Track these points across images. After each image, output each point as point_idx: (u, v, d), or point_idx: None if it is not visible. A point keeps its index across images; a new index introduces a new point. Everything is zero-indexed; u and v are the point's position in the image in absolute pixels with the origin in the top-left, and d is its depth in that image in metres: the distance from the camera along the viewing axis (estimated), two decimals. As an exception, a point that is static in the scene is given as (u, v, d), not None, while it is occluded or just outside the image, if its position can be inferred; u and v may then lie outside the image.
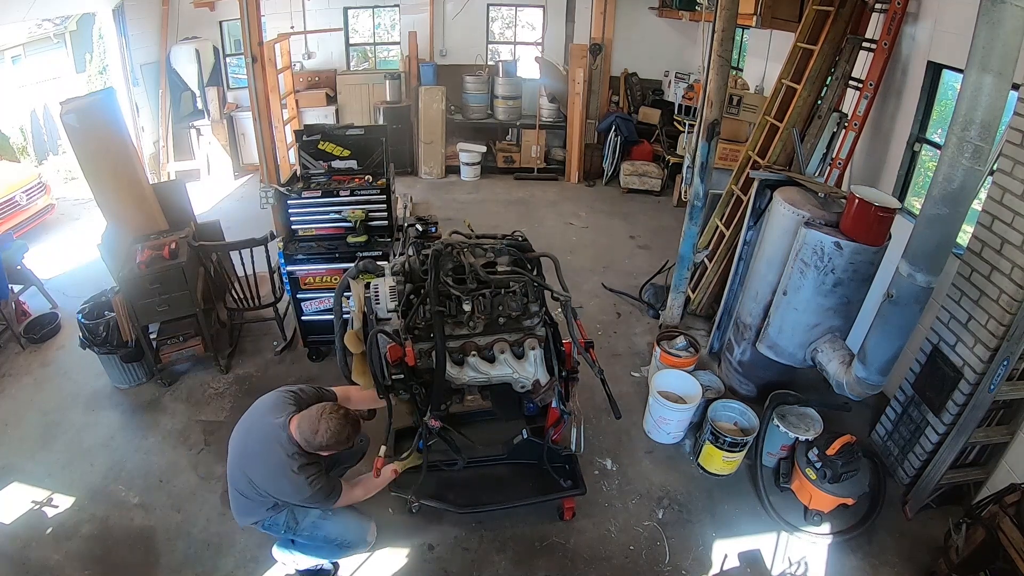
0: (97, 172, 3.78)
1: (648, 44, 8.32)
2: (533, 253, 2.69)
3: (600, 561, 2.95)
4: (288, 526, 2.51)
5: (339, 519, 2.60)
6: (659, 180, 7.81)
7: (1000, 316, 2.80)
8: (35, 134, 7.70)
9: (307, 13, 7.68)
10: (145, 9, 7.33)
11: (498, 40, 9.28)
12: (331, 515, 2.58)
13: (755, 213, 3.85)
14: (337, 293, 2.51)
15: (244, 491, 2.40)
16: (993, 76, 2.06)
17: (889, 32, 3.83)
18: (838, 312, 3.24)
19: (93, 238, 3.91)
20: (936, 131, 3.88)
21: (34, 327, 4.46)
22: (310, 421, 2.27)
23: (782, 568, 2.96)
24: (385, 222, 3.93)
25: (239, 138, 8.10)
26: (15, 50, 7.76)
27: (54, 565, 2.83)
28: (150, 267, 3.65)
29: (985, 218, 2.92)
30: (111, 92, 4.10)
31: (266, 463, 2.31)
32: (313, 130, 4.01)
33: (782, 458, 3.42)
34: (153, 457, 3.45)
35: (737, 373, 3.99)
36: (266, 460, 2.30)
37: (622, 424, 3.68)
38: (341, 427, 2.26)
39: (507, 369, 2.42)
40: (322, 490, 2.33)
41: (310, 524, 2.54)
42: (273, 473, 2.30)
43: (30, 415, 3.75)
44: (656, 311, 4.99)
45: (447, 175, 8.34)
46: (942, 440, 3.08)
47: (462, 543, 3.00)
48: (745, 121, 6.30)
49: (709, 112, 3.94)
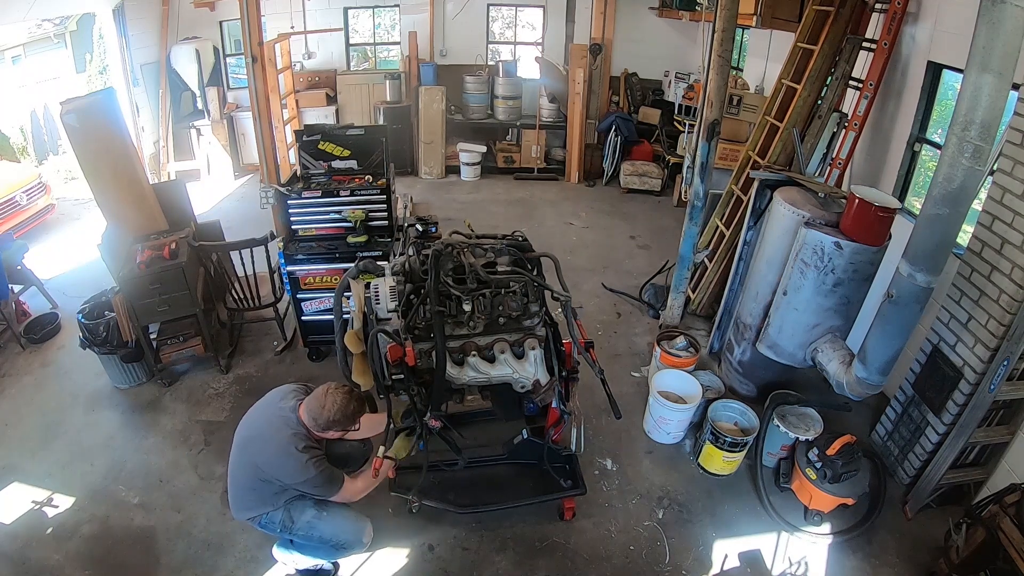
0: (97, 172, 3.78)
1: (648, 44, 8.32)
2: (533, 253, 2.69)
3: (600, 561, 2.95)
4: (284, 525, 2.51)
5: (335, 519, 2.60)
6: (659, 180, 7.81)
7: (1000, 316, 2.79)
8: (35, 134, 7.69)
9: (307, 13, 7.68)
10: (145, 9, 7.33)
11: (498, 40, 9.28)
12: (327, 515, 2.57)
13: (755, 213, 3.85)
14: (337, 293, 2.51)
15: (247, 481, 2.42)
16: (993, 76, 2.05)
17: (889, 32, 3.83)
18: (838, 312, 3.24)
19: (93, 238, 3.91)
20: (936, 131, 3.88)
21: (34, 327, 4.46)
22: (317, 398, 2.34)
23: (782, 568, 2.96)
24: (385, 222, 3.93)
25: (239, 138, 8.10)
26: (15, 50, 7.76)
27: (54, 565, 2.82)
28: (150, 267, 3.65)
29: (985, 218, 2.92)
30: (111, 92, 4.10)
31: (272, 442, 2.34)
32: (313, 130, 4.01)
33: (782, 458, 3.42)
34: (153, 457, 3.45)
35: (737, 373, 3.99)
36: (272, 439, 2.34)
37: (622, 424, 3.68)
38: (347, 401, 2.32)
39: (507, 369, 2.42)
40: (324, 473, 2.35)
41: (306, 524, 2.53)
42: (278, 452, 2.32)
43: (30, 415, 3.75)
44: (656, 311, 4.99)
45: (447, 175, 8.35)
46: (942, 440, 3.08)
47: (462, 543, 3.00)
48: (745, 121, 6.30)
49: (709, 112, 3.94)
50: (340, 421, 2.32)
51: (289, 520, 2.52)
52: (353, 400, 2.35)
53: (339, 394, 2.33)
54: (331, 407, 2.30)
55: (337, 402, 2.30)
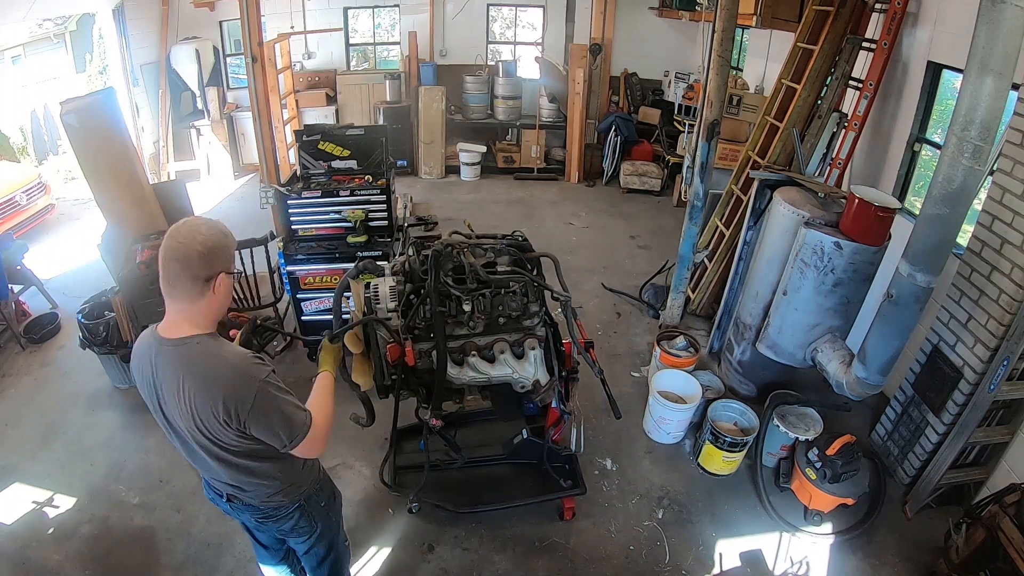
0: (97, 172, 3.77)
1: (648, 44, 8.32)
2: (533, 253, 2.69)
3: (600, 561, 2.95)
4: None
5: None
6: (659, 180, 7.81)
7: (1000, 316, 2.80)
8: (35, 134, 7.69)
9: (307, 13, 7.68)
10: (145, 9, 7.33)
11: (498, 40, 9.28)
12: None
13: (755, 213, 3.85)
14: (337, 293, 2.51)
15: (219, 452, 1.72)
16: (993, 76, 2.05)
17: (889, 32, 3.83)
18: (838, 312, 3.24)
19: (93, 238, 3.91)
20: (936, 131, 3.88)
21: (34, 327, 4.46)
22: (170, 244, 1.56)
23: (784, 568, 2.96)
24: (385, 222, 3.93)
25: (239, 138, 8.10)
26: (15, 50, 7.75)
27: (54, 565, 2.82)
28: (150, 267, 3.64)
29: (985, 218, 2.92)
30: (111, 92, 4.09)
31: (195, 378, 1.60)
32: (313, 130, 4.01)
33: (782, 458, 3.42)
34: (153, 457, 3.45)
35: (737, 373, 3.99)
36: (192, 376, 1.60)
37: (622, 424, 3.68)
38: (205, 222, 1.65)
39: (507, 369, 2.42)
40: (274, 379, 1.66)
41: None
42: (207, 380, 1.59)
43: (30, 415, 3.75)
44: (656, 311, 4.99)
45: (447, 175, 8.35)
46: (942, 440, 3.08)
47: (462, 543, 3.00)
48: (745, 121, 6.31)
49: (709, 112, 3.94)
50: (224, 243, 1.63)
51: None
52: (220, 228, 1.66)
53: (198, 220, 1.65)
54: (203, 229, 1.59)
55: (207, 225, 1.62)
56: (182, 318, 1.64)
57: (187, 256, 1.56)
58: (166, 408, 1.70)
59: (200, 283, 1.60)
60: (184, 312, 1.63)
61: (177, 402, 1.64)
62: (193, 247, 1.56)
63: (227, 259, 1.66)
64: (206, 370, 1.61)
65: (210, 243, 1.59)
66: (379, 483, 3.18)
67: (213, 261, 1.60)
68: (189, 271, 1.57)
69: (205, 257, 1.58)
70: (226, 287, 1.68)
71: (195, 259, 1.57)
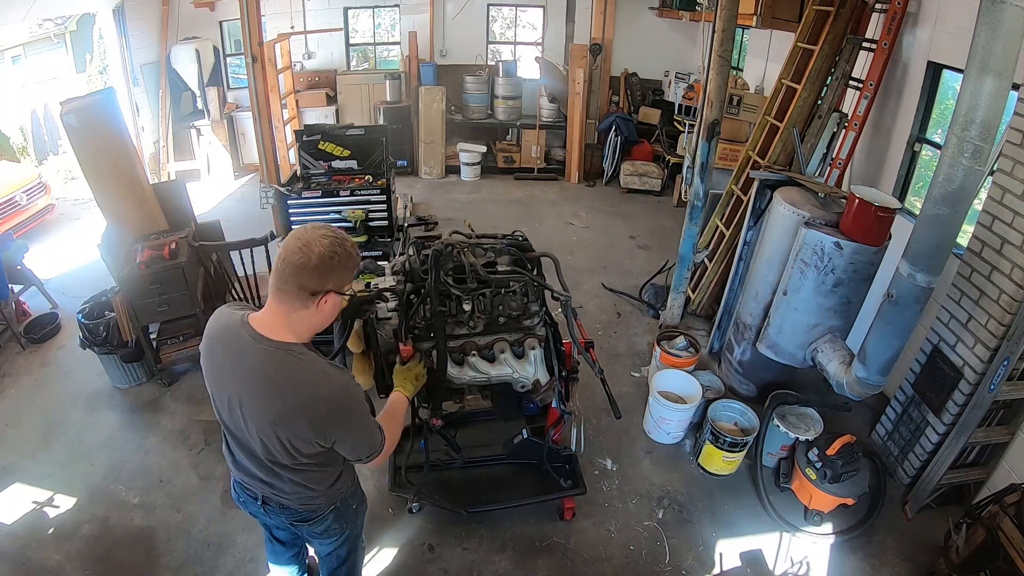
0: (97, 172, 3.77)
1: (648, 44, 8.32)
2: (533, 253, 2.69)
3: (600, 561, 2.95)
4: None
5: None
6: (659, 180, 7.81)
7: (1000, 316, 2.80)
8: (35, 134, 7.69)
9: (307, 13, 7.68)
10: (145, 9, 7.33)
11: (498, 40, 9.28)
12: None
13: (755, 213, 3.85)
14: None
15: (276, 459, 1.69)
16: (993, 76, 2.06)
17: (889, 32, 3.83)
18: (838, 312, 3.24)
19: (93, 238, 3.91)
20: (936, 131, 3.88)
21: (34, 327, 4.46)
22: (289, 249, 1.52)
23: (784, 568, 2.96)
24: (385, 222, 3.94)
25: (239, 138, 8.10)
26: (15, 50, 7.76)
27: (54, 565, 2.82)
28: (150, 267, 3.65)
29: (985, 218, 2.92)
30: (111, 92, 4.09)
31: (295, 390, 1.58)
32: (313, 130, 4.02)
33: (782, 458, 3.42)
34: (153, 457, 3.45)
35: (737, 373, 3.99)
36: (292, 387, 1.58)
37: (622, 424, 3.68)
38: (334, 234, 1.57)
39: (507, 369, 2.41)
40: (360, 395, 1.68)
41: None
42: (312, 395, 1.58)
43: (30, 415, 3.75)
44: (656, 311, 4.99)
45: (447, 175, 8.35)
46: (942, 440, 3.08)
47: (462, 543, 3.00)
48: (745, 121, 6.31)
49: (709, 112, 3.94)
50: (342, 263, 1.55)
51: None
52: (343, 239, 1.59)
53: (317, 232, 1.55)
54: (320, 243, 1.51)
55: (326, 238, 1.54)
56: (282, 320, 1.59)
57: (302, 264, 1.50)
58: (242, 402, 1.62)
59: (306, 295, 1.54)
60: (285, 315, 1.58)
61: (260, 401, 1.59)
62: (311, 257, 1.49)
63: (342, 279, 1.59)
64: (312, 386, 1.58)
65: (328, 258, 1.51)
66: (379, 483, 3.17)
67: (326, 277, 1.54)
68: (298, 280, 1.52)
69: (319, 271, 1.51)
70: (332, 306, 1.62)
71: (309, 270, 1.51)
